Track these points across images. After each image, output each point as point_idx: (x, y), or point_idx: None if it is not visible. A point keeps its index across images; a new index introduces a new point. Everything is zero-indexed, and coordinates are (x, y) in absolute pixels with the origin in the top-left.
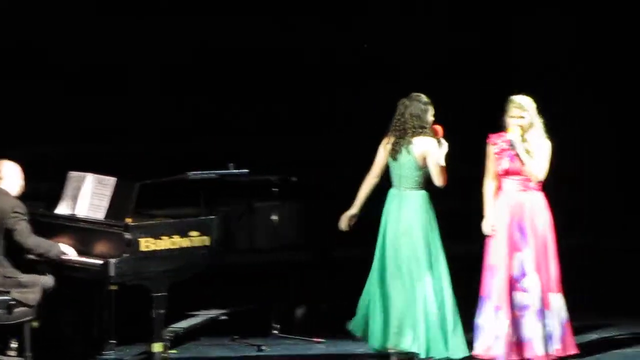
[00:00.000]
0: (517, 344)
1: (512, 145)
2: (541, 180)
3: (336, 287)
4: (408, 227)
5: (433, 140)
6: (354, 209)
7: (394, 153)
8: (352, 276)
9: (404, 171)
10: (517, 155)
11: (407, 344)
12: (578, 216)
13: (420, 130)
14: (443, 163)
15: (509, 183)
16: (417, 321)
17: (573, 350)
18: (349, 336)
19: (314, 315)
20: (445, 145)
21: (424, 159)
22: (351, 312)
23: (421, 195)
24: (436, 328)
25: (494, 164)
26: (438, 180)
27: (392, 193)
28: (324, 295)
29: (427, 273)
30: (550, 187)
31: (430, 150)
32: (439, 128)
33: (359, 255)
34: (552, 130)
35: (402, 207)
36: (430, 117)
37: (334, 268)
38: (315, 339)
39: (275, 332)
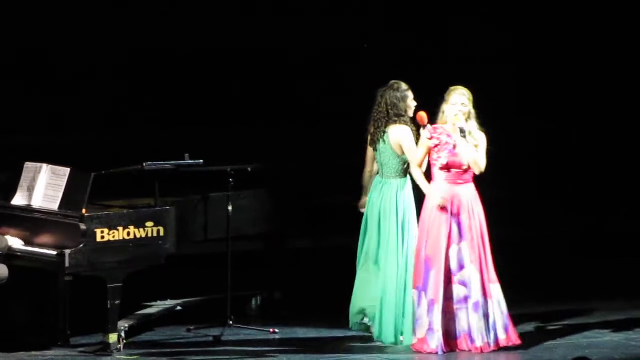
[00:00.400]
0: (452, 337)
1: (462, 132)
2: (482, 171)
3: (291, 276)
4: (383, 214)
5: (407, 128)
6: (365, 197)
7: (373, 143)
8: (307, 265)
9: (384, 159)
10: (457, 147)
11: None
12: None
13: (396, 119)
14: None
15: (445, 176)
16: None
17: (518, 341)
18: (303, 325)
19: (269, 304)
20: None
21: (400, 147)
22: (306, 301)
23: (400, 183)
24: (390, 313)
25: (425, 153)
26: (411, 166)
27: (376, 181)
28: (278, 285)
29: (394, 259)
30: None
31: (402, 138)
32: (423, 115)
33: (312, 245)
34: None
35: (381, 195)
36: (408, 104)
37: (288, 258)
38: (270, 330)
39: (231, 322)
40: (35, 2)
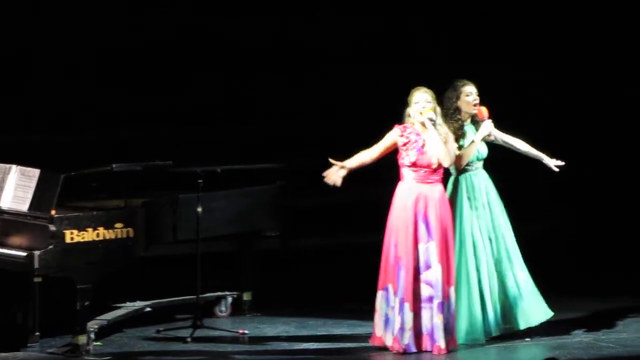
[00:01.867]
0: (419, 335)
1: (431, 120)
2: (447, 166)
3: (261, 277)
4: None
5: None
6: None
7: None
8: (276, 266)
9: None
10: (426, 145)
11: None
12: None
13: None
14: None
15: (414, 175)
16: None
17: (456, 345)
18: (272, 325)
19: (239, 305)
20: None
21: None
22: (276, 301)
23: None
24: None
25: (384, 149)
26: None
27: None
28: (248, 286)
29: None
30: None
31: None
32: (483, 109)
33: (282, 246)
34: None
35: None
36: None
37: (259, 258)
38: (240, 330)
39: (200, 323)
40: None
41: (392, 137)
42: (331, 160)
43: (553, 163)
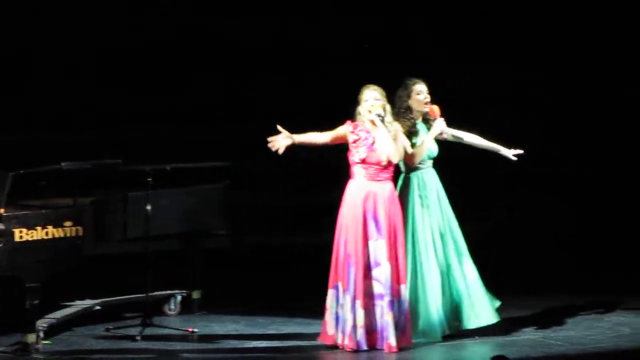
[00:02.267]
0: (371, 333)
1: (379, 117)
2: (396, 162)
3: (209, 275)
4: None
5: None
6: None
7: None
8: (225, 264)
9: None
10: (376, 142)
11: None
12: None
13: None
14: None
15: (364, 172)
16: None
17: (409, 343)
18: (221, 324)
19: (188, 304)
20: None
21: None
22: (225, 300)
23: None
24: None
25: (334, 137)
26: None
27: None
28: (197, 284)
29: None
30: None
31: None
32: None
33: (231, 244)
34: None
35: None
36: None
37: (208, 257)
38: (189, 329)
39: (149, 322)
40: None
41: (344, 129)
42: (279, 127)
43: (511, 153)
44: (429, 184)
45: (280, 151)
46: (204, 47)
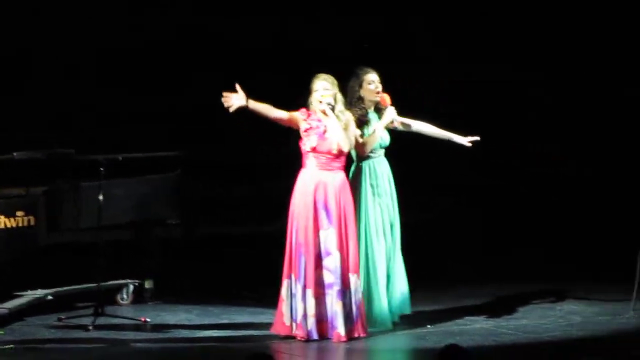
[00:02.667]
0: (322, 322)
1: (329, 105)
2: (347, 151)
3: (162, 264)
4: None
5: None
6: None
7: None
8: (178, 254)
9: None
10: (327, 131)
11: None
12: None
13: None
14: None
15: (316, 161)
16: None
17: (363, 333)
18: (174, 313)
19: (141, 293)
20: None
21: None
22: (176, 289)
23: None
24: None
25: (287, 117)
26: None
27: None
28: (150, 274)
29: None
30: None
31: None
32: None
33: (184, 234)
34: None
35: None
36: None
37: (160, 246)
38: (142, 318)
39: (101, 311)
40: None
41: (298, 115)
42: (237, 86)
43: (466, 140)
44: (380, 173)
45: (231, 109)
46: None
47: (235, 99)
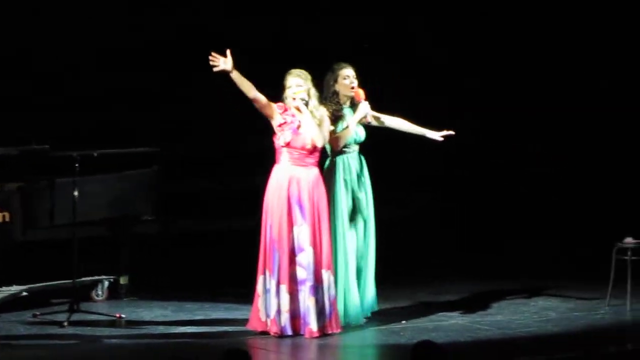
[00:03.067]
0: (295, 318)
1: (304, 100)
2: (320, 147)
3: (137, 260)
4: None
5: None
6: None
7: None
8: (153, 250)
9: None
10: (301, 127)
11: None
12: None
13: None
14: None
15: (289, 156)
16: None
17: (337, 329)
18: (149, 309)
19: (116, 289)
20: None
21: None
22: (151, 286)
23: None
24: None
25: (266, 101)
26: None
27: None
28: (125, 270)
29: None
30: None
31: None
32: (359, 91)
33: (159, 230)
34: None
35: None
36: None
37: (136, 242)
38: (117, 315)
39: (76, 308)
40: None
41: (275, 106)
42: (228, 51)
43: (438, 135)
44: (354, 169)
45: (215, 69)
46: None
47: (222, 64)
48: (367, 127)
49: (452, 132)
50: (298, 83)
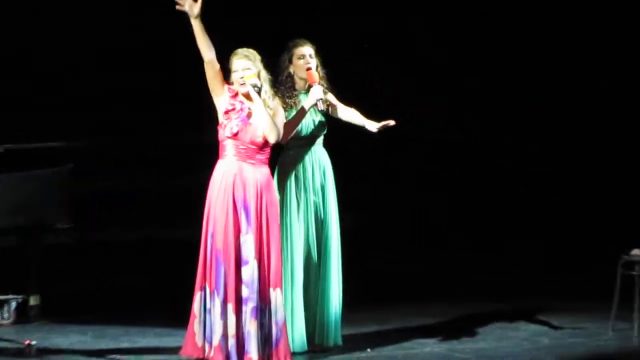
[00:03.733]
0: (241, 343)
1: (255, 86)
2: (273, 142)
3: (50, 277)
4: None
5: None
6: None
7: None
8: (69, 264)
9: None
10: (252, 115)
11: None
12: None
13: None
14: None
15: (235, 150)
16: None
17: (287, 357)
18: (63, 334)
19: (24, 311)
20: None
21: None
22: (67, 306)
23: None
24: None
25: (218, 71)
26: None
27: None
28: (36, 288)
29: None
30: None
31: None
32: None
33: (77, 240)
34: None
35: None
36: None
37: (48, 255)
38: (26, 341)
39: None
40: None
41: (225, 88)
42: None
43: (375, 126)
44: (309, 165)
45: (178, 7)
46: None
47: (188, 5)
48: (328, 116)
49: (391, 122)
50: (246, 66)
